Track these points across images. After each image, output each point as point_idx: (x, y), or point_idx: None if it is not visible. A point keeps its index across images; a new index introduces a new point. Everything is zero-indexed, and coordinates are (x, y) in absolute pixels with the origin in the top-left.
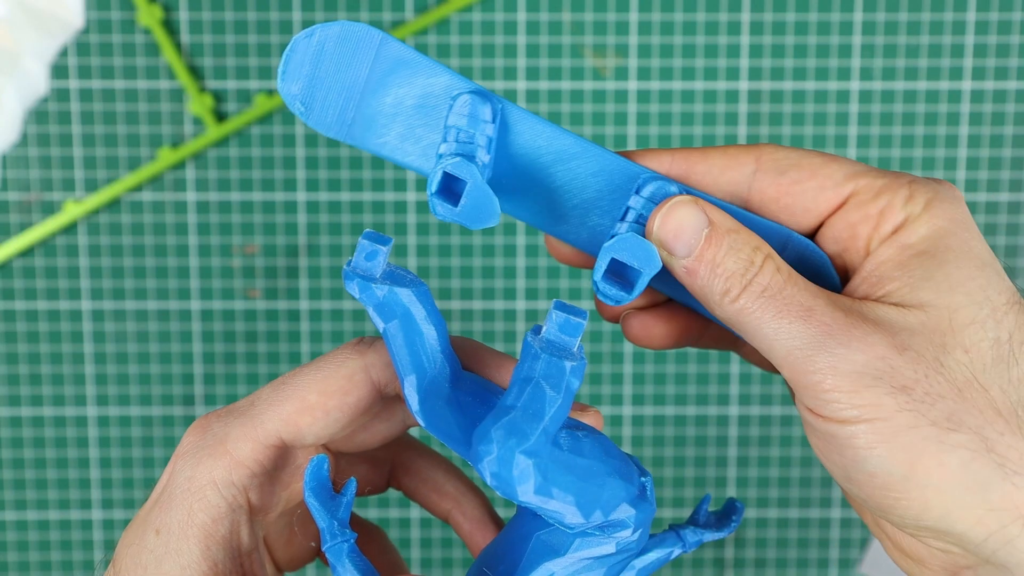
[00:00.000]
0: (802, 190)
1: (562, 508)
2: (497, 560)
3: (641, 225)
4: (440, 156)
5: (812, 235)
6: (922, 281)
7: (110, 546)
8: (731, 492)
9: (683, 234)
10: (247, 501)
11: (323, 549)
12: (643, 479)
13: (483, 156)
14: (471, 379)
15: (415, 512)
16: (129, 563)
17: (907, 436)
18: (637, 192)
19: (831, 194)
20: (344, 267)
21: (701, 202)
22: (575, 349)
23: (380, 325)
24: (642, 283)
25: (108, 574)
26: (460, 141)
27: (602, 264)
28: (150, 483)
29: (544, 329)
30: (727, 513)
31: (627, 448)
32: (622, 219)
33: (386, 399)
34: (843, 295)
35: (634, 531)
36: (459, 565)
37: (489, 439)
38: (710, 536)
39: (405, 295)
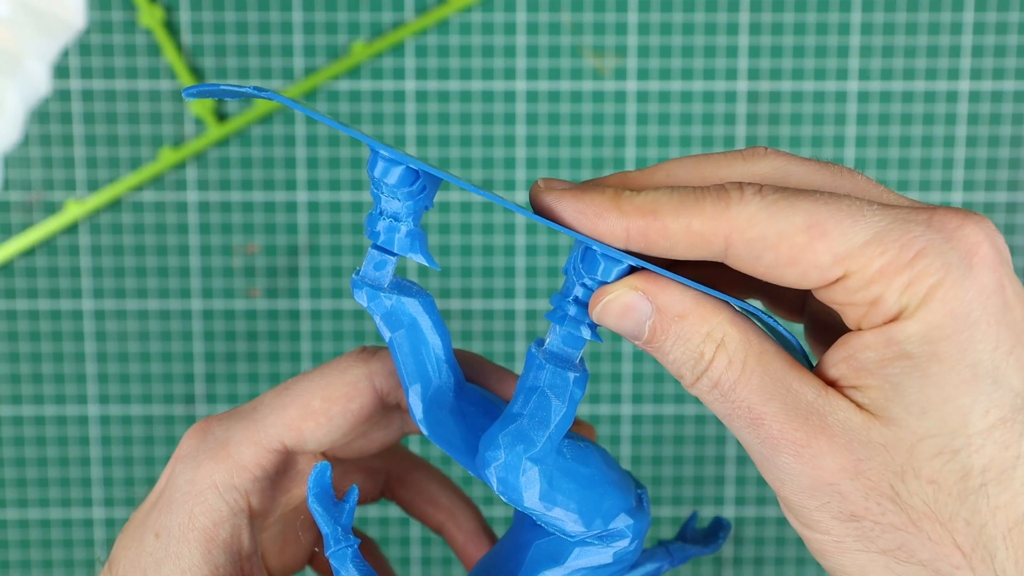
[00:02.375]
0: (782, 276)
1: (564, 516)
2: (495, 569)
3: (585, 306)
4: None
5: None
6: (895, 393)
7: (111, 545)
8: (729, 490)
9: (626, 324)
10: (248, 505)
11: (327, 554)
12: (639, 490)
13: (403, 231)
14: (474, 390)
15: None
16: (127, 565)
17: (858, 556)
18: (584, 267)
19: (816, 279)
20: (352, 276)
21: (647, 283)
22: (577, 361)
23: (387, 334)
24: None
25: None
26: (377, 242)
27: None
28: (151, 482)
29: (547, 341)
30: (714, 531)
31: (626, 447)
32: (568, 295)
33: (387, 407)
34: (814, 374)
35: (631, 541)
36: (458, 564)
37: (497, 445)
38: (697, 552)
39: (412, 305)
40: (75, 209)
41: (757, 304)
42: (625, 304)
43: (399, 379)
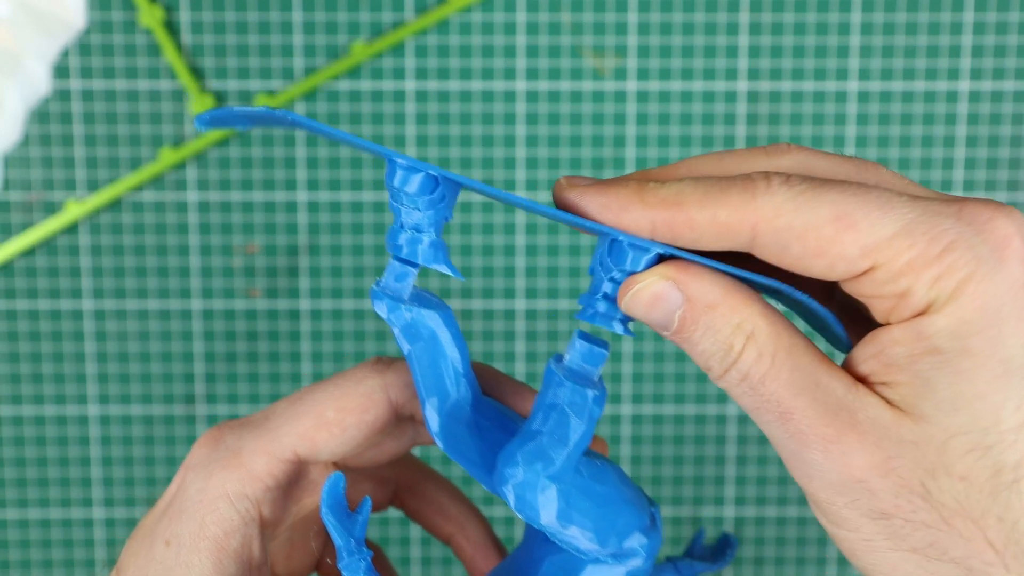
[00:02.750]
0: (809, 267)
1: (580, 534)
2: None
3: (614, 301)
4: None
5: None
6: (926, 389)
7: (112, 544)
8: (729, 491)
9: (655, 314)
10: (259, 514)
11: (339, 566)
12: (652, 509)
13: (426, 243)
14: (491, 405)
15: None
16: (136, 573)
17: (888, 555)
18: (612, 259)
19: (843, 270)
20: (372, 287)
21: (677, 272)
22: (596, 379)
23: (405, 347)
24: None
25: None
26: (400, 254)
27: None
28: (151, 482)
29: (567, 358)
30: (721, 548)
31: (626, 447)
32: (597, 293)
33: (400, 419)
34: (845, 368)
35: (645, 560)
36: (458, 564)
37: (515, 462)
38: (704, 569)
39: (432, 318)
40: (75, 209)
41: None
42: (654, 293)
43: (414, 391)
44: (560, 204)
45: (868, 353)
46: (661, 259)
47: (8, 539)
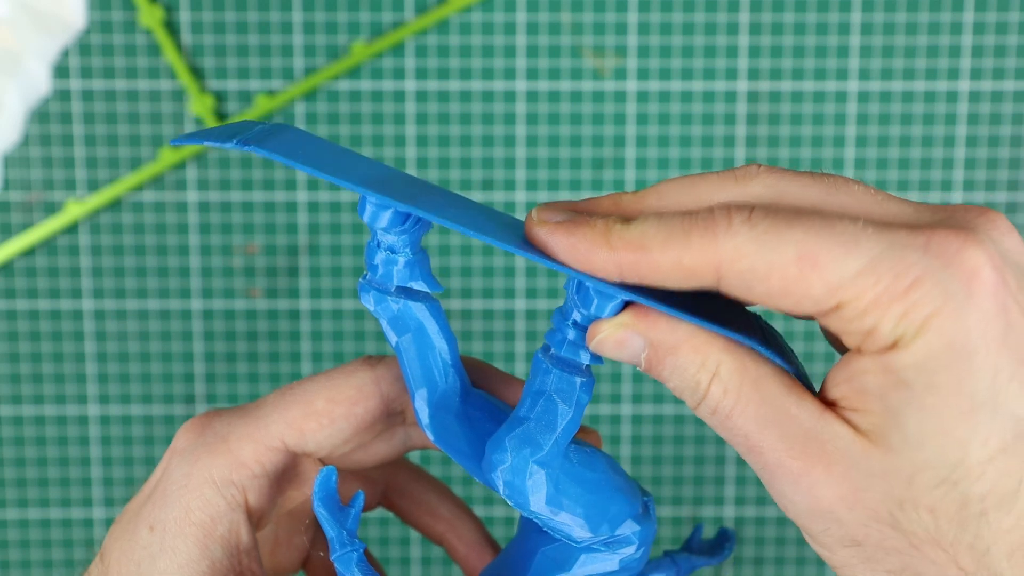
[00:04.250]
0: (776, 305)
1: (571, 521)
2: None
3: (583, 330)
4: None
5: None
6: (895, 422)
7: None
8: (729, 490)
9: (623, 357)
10: (246, 501)
11: (332, 558)
12: (645, 498)
13: (401, 263)
14: (480, 396)
15: None
16: (119, 557)
17: (866, 575)
18: (580, 300)
19: (810, 309)
20: (360, 280)
21: (636, 320)
22: (584, 366)
23: (393, 338)
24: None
25: (95, 568)
26: (374, 275)
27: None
28: None
29: (553, 347)
30: (720, 542)
31: (626, 447)
32: (567, 319)
33: (390, 416)
34: (817, 395)
35: (638, 548)
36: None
37: (503, 448)
38: (703, 563)
39: (419, 309)
40: (75, 209)
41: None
42: (618, 340)
43: (404, 385)
44: (531, 240)
45: (840, 378)
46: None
47: (8, 539)
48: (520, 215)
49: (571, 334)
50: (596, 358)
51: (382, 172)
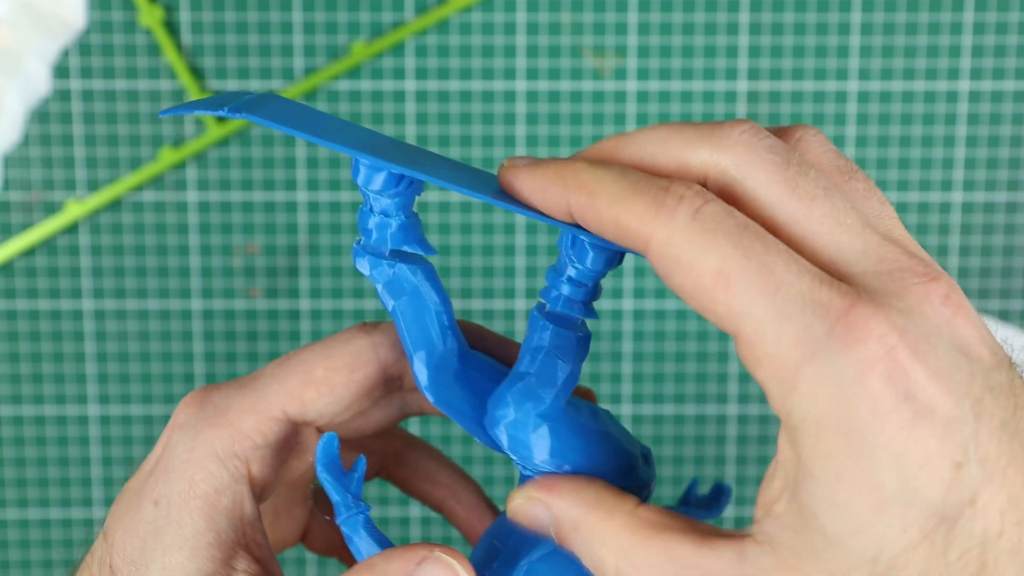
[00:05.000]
0: (686, 301)
1: (575, 472)
2: (506, 534)
3: (578, 285)
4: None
5: None
6: (813, 523)
7: None
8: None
9: (538, 528)
10: (249, 472)
11: (338, 522)
12: (644, 450)
13: (395, 227)
14: (478, 356)
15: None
16: (123, 535)
17: None
18: (573, 256)
19: (715, 321)
20: (354, 245)
21: (541, 492)
22: (579, 322)
23: (389, 302)
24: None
25: (99, 547)
26: (368, 235)
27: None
28: None
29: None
30: (716, 496)
31: None
32: (561, 275)
33: (388, 382)
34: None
35: (639, 497)
36: (457, 543)
37: (506, 403)
38: (700, 517)
39: (414, 272)
40: (75, 209)
41: None
42: (526, 514)
43: (401, 351)
44: (501, 184)
45: (762, 494)
46: (622, 257)
47: (8, 539)
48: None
49: (565, 290)
50: (590, 312)
51: (374, 137)
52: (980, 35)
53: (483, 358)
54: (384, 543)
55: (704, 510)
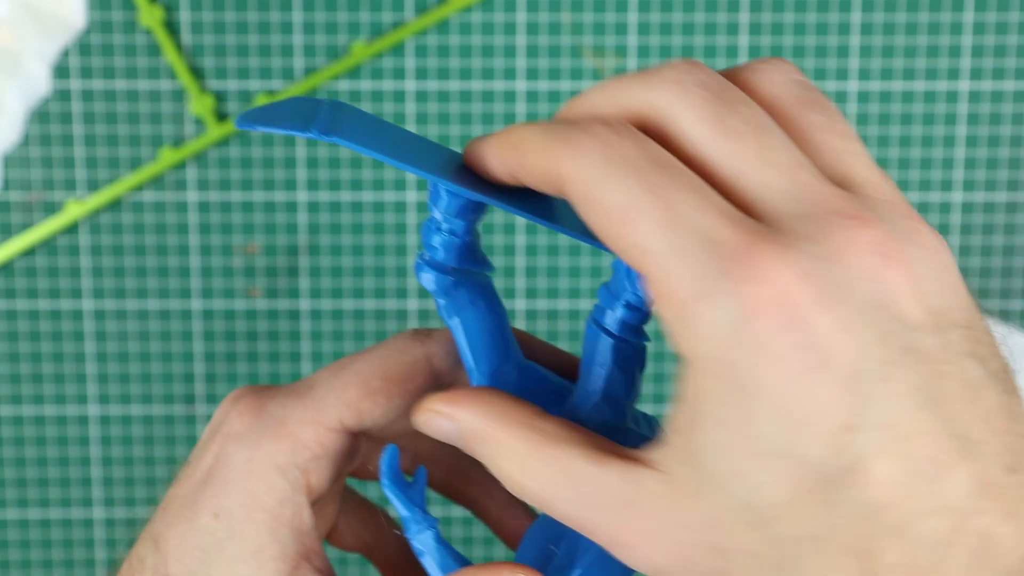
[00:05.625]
0: (600, 239)
1: None
2: (558, 537)
3: (632, 310)
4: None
5: None
6: (700, 459)
7: (112, 544)
8: None
9: (447, 439)
10: (307, 483)
11: (408, 536)
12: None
13: (460, 245)
14: (534, 368)
15: None
16: (179, 544)
17: None
18: (628, 284)
19: (621, 256)
20: (416, 259)
21: (446, 403)
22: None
23: (451, 317)
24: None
25: (150, 556)
26: (426, 253)
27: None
28: (151, 482)
29: (607, 318)
30: None
31: None
32: (620, 300)
33: (440, 389)
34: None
35: None
36: (477, 544)
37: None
38: None
39: (474, 287)
40: (75, 209)
41: None
42: (433, 427)
43: (454, 359)
44: (465, 162)
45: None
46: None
47: (8, 539)
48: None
49: (621, 313)
50: (644, 336)
51: (442, 154)
52: (980, 35)
53: (538, 369)
54: (459, 559)
55: None
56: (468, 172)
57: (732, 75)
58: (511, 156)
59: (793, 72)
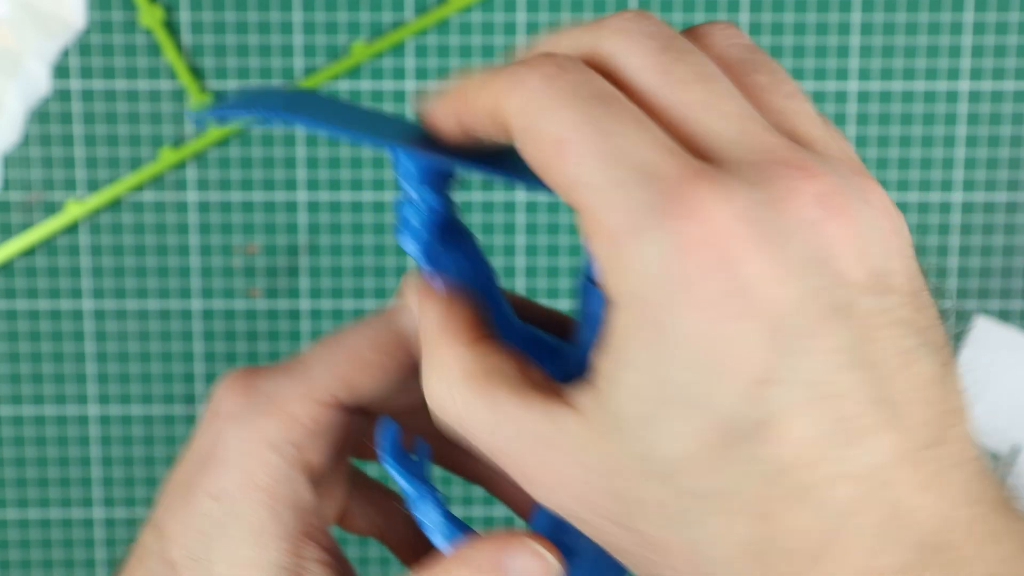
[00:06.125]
0: (541, 176)
1: None
2: None
3: None
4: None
5: None
6: (605, 403)
7: (112, 544)
8: None
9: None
10: (303, 460)
11: (411, 510)
12: None
13: (433, 211)
14: (524, 327)
15: None
16: (181, 529)
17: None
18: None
19: (557, 191)
20: (395, 225)
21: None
22: None
23: (435, 280)
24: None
25: (154, 543)
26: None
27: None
28: (151, 482)
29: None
30: None
31: None
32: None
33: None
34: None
35: None
36: (479, 504)
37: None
38: None
39: (455, 249)
40: (75, 209)
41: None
42: (404, 322)
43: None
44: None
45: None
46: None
47: (8, 539)
48: (519, 214)
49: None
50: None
51: (406, 127)
52: (980, 35)
53: (532, 329)
54: (465, 529)
55: None
56: (428, 139)
57: None
58: (457, 103)
59: (737, 36)
